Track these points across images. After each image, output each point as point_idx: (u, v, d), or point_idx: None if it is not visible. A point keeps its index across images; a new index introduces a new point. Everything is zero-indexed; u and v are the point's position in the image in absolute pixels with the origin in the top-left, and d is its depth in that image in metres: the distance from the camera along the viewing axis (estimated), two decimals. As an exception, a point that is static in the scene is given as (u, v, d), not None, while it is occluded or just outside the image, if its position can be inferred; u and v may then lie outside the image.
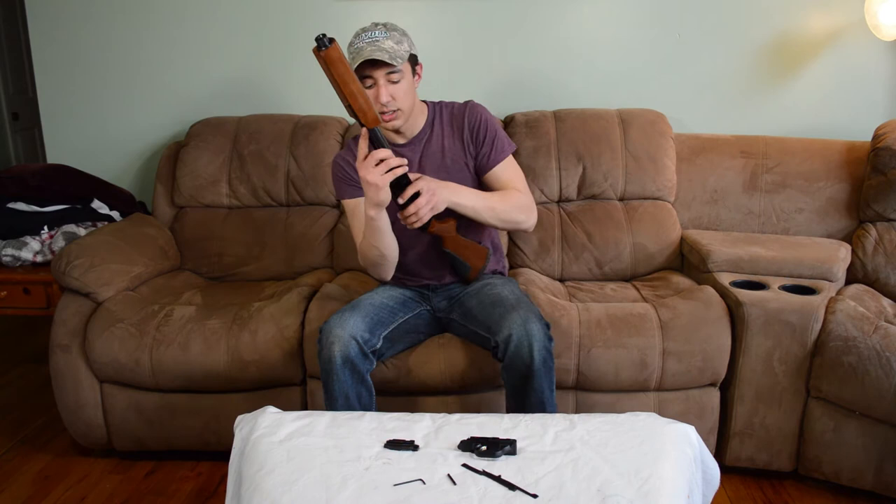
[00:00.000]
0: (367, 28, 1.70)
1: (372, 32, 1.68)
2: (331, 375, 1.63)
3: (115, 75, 2.74)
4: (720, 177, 2.45)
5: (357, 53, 1.66)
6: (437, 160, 1.80)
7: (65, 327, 2.04)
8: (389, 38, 1.67)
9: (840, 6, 2.54)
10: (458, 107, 1.85)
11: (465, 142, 1.81)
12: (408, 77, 1.71)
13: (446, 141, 1.81)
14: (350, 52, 1.69)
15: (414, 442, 1.32)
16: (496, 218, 1.75)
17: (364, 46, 1.66)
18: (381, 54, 1.64)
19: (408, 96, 1.72)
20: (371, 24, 1.71)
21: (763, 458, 1.97)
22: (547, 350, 1.63)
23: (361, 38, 1.67)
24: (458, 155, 1.81)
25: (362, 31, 1.69)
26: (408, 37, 1.73)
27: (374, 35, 1.67)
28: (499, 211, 1.74)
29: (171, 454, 2.12)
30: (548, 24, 2.63)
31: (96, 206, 2.54)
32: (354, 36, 1.70)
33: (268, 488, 1.20)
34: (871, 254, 2.23)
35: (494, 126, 1.82)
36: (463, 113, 1.82)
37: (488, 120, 1.82)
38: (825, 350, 1.84)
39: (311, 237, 2.45)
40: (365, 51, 1.65)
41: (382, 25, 1.70)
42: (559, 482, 1.19)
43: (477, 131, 1.80)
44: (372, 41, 1.66)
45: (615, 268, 2.37)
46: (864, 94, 2.61)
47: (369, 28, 1.70)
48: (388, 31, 1.69)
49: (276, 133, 2.52)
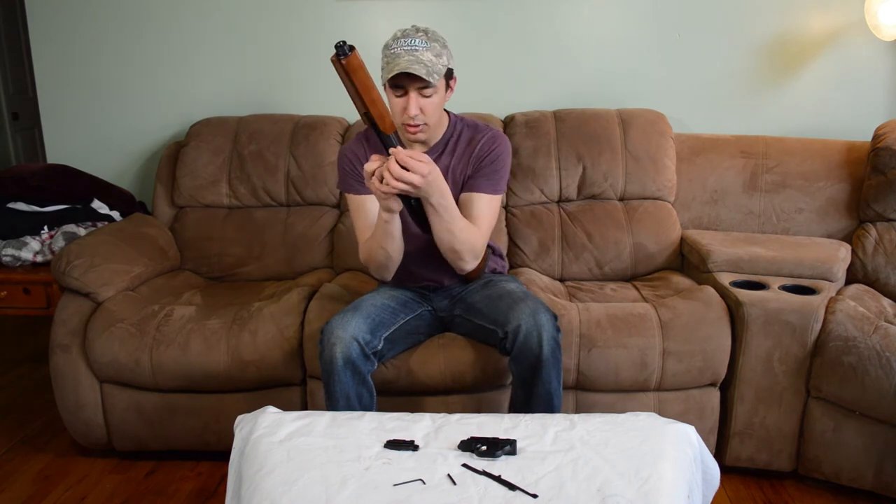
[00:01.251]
0: (407, 32, 1.62)
1: (412, 39, 1.60)
2: (332, 376, 1.63)
3: (115, 75, 2.74)
4: (720, 177, 2.45)
5: (393, 59, 1.59)
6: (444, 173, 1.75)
7: (65, 327, 2.04)
8: (430, 49, 1.60)
9: (840, 6, 2.54)
10: (479, 132, 1.78)
11: (469, 162, 1.77)
12: (440, 92, 1.66)
13: (454, 162, 1.77)
14: (385, 54, 1.63)
15: (414, 442, 1.32)
16: (448, 242, 1.66)
17: (402, 53, 1.59)
18: (418, 68, 1.57)
19: (437, 111, 1.68)
20: (412, 27, 1.63)
21: (763, 458, 1.97)
22: (555, 341, 1.63)
23: (400, 44, 1.60)
24: (459, 176, 1.77)
25: (402, 36, 1.61)
26: (448, 49, 1.66)
27: (413, 43, 1.59)
28: (455, 239, 1.65)
29: (171, 454, 2.12)
30: (548, 23, 2.63)
31: (96, 206, 2.54)
32: (392, 38, 1.63)
33: (268, 488, 1.20)
34: (871, 254, 2.23)
35: (503, 163, 1.77)
36: (481, 139, 1.77)
37: (500, 154, 1.76)
38: (825, 350, 1.84)
39: (311, 237, 2.45)
40: (402, 59, 1.58)
41: (423, 32, 1.62)
42: (559, 482, 1.19)
43: (484, 158, 1.75)
44: (411, 49, 1.58)
45: (615, 268, 2.37)
46: (864, 94, 2.61)
47: (410, 33, 1.62)
48: (430, 42, 1.61)
49: (276, 133, 2.52)
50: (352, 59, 1.43)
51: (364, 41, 2.65)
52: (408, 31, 1.63)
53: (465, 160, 1.77)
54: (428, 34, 1.63)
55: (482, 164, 1.75)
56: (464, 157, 1.77)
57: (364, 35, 2.66)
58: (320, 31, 2.66)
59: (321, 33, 2.67)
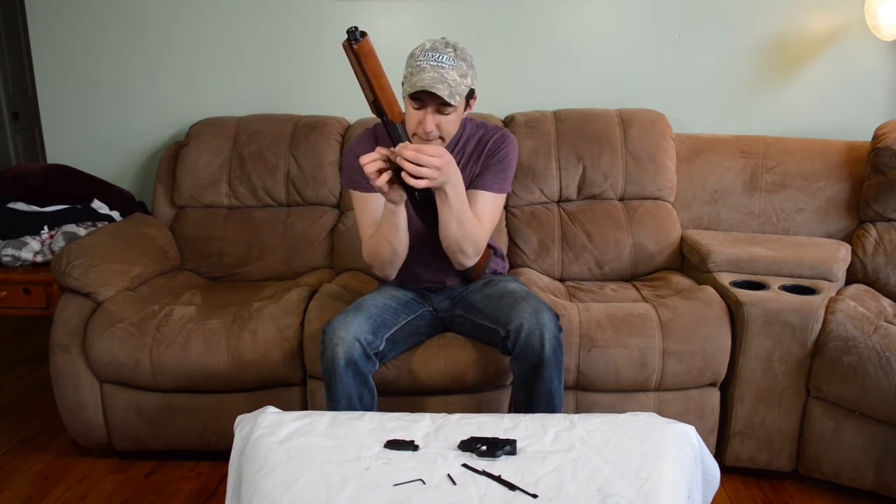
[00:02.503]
0: (436, 46, 1.59)
1: (440, 55, 1.57)
2: (333, 377, 1.63)
3: (115, 75, 2.74)
4: (720, 177, 2.45)
5: (417, 72, 1.57)
6: None
7: (65, 327, 2.04)
8: (456, 67, 1.58)
9: (840, 6, 2.54)
10: (488, 133, 1.79)
11: (480, 162, 1.78)
12: (459, 110, 1.65)
13: (464, 160, 1.77)
14: (410, 64, 1.61)
15: (414, 442, 1.32)
16: (455, 231, 1.64)
17: (427, 68, 1.56)
18: (441, 88, 1.54)
19: (453, 127, 1.67)
20: (442, 40, 1.61)
21: (763, 458, 1.97)
22: (557, 340, 1.63)
23: (427, 57, 1.57)
24: (468, 175, 1.77)
25: (431, 49, 1.58)
26: (474, 69, 1.64)
27: (441, 59, 1.56)
28: (462, 229, 1.64)
29: (171, 454, 2.12)
30: (548, 23, 2.63)
31: (96, 206, 2.54)
32: (420, 49, 1.60)
33: (268, 488, 1.20)
34: (871, 254, 2.23)
35: (510, 162, 1.78)
36: (490, 140, 1.77)
37: (507, 154, 1.77)
38: (825, 350, 1.84)
39: (311, 237, 2.45)
40: (427, 75, 1.55)
41: (452, 49, 1.59)
42: (559, 482, 1.19)
43: (492, 157, 1.76)
44: (437, 65, 1.56)
45: (615, 268, 2.37)
46: (864, 94, 2.61)
47: (439, 47, 1.59)
48: (457, 60, 1.58)
49: (276, 133, 2.52)
50: (363, 44, 1.41)
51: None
52: (437, 44, 1.60)
53: (474, 159, 1.78)
54: (457, 51, 1.60)
55: (490, 161, 1.76)
56: (473, 157, 1.78)
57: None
58: (320, 31, 2.66)
59: (321, 33, 2.66)
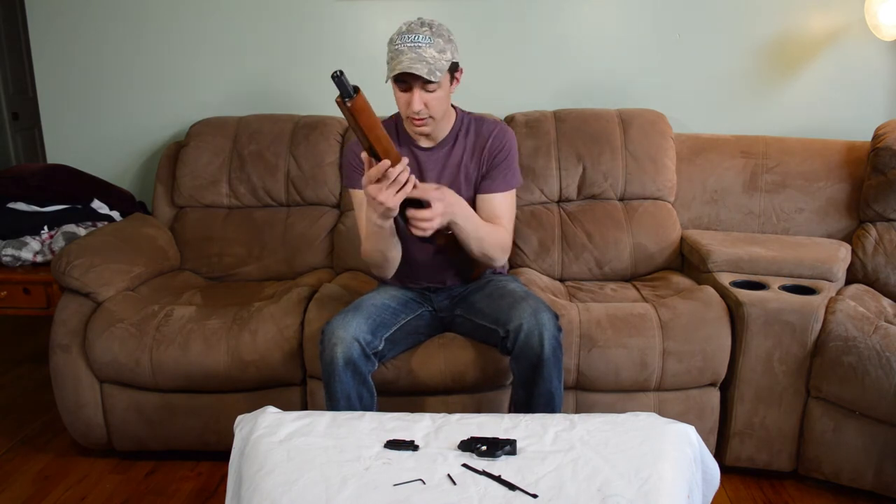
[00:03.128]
0: (412, 27, 1.61)
1: (416, 36, 1.59)
2: (333, 377, 1.63)
3: (114, 75, 2.74)
4: (720, 177, 2.45)
5: (396, 56, 1.59)
6: (454, 173, 1.79)
7: (65, 327, 2.04)
8: (433, 44, 1.59)
9: (840, 6, 2.54)
10: (486, 127, 1.80)
11: (481, 160, 1.79)
12: (445, 86, 1.67)
13: (465, 156, 1.79)
14: (389, 49, 1.62)
15: (414, 442, 1.32)
16: (478, 248, 1.71)
17: (405, 50, 1.58)
18: (420, 67, 1.57)
19: (442, 104, 1.68)
20: (417, 21, 1.63)
21: (763, 458, 1.97)
22: (556, 340, 1.63)
23: (403, 40, 1.59)
24: (472, 172, 1.79)
25: (407, 31, 1.61)
26: (453, 42, 1.66)
27: (417, 39, 1.58)
28: (484, 243, 1.72)
29: (171, 454, 2.12)
30: (548, 24, 2.63)
31: (96, 206, 2.54)
32: (397, 33, 1.62)
33: (268, 488, 1.20)
34: (871, 254, 2.23)
35: (514, 156, 1.80)
36: (490, 134, 1.78)
37: (510, 149, 1.79)
38: (825, 350, 1.84)
39: (311, 237, 2.45)
40: (405, 57, 1.58)
41: (428, 27, 1.61)
42: (559, 482, 1.19)
43: (496, 155, 1.78)
44: (414, 46, 1.58)
45: (615, 268, 2.36)
46: (864, 94, 2.61)
47: (414, 27, 1.61)
48: (433, 37, 1.60)
49: (276, 133, 2.52)
50: (357, 101, 1.43)
51: (364, 41, 2.67)
52: (412, 25, 1.62)
53: (476, 156, 1.79)
54: (432, 28, 1.62)
55: (494, 159, 1.78)
56: (475, 152, 1.79)
57: (364, 35, 2.66)
58: (320, 31, 2.66)
59: (321, 33, 2.66)
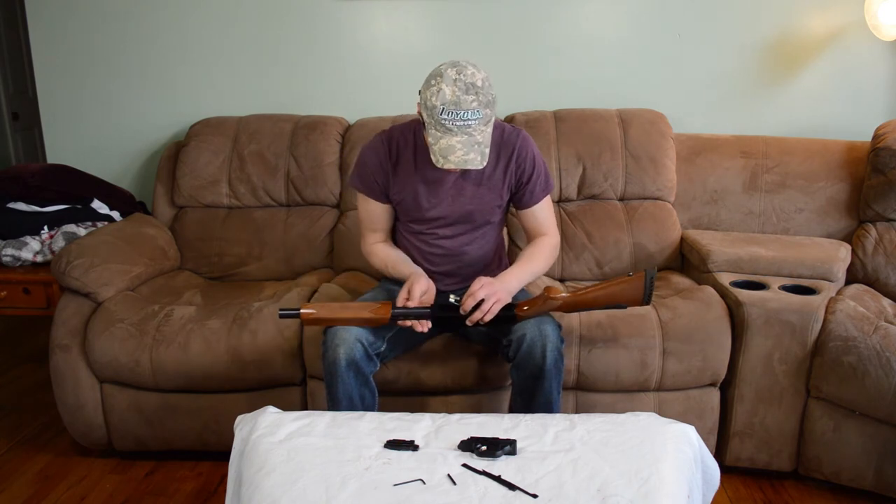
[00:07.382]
0: (458, 98, 1.49)
1: (465, 112, 1.50)
2: (335, 377, 1.63)
3: (114, 75, 2.74)
4: (720, 177, 2.45)
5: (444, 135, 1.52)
6: (476, 182, 1.76)
7: (65, 327, 2.04)
8: (481, 118, 1.51)
9: (840, 6, 2.54)
10: (508, 133, 1.75)
11: (508, 172, 1.76)
12: None
13: (488, 166, 1.75)
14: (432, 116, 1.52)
15: (414, 442, 1.32)
16: (537, 277, 1.82)
17: (454, 130, 1.51)
18: (473, 158, 1.52)
19: None
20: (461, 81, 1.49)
21: (763, 458, 1.97)
22: (559, 351, 1.63)
23: (452, 116, 1.50)
24: (498, 181, 1.76)
25: (453, 103, 1.49)
26: (493, 97, 1.55)
27: (466, 117, 1.50)
28: (538, 272, 1.81)
29: (171, 454, 2.12)
30: (548, 24, 2.63)
31: (96, 206, 2.54)
32: (441, 100, 1.50)
33: (268, 488, 1.20)
34: (871, 254, 2.23)
35: (542, 164, 1.79)
36: (514, 143, 1.75)
37: (536, 157, 1.78)
38: (825, 350, 1.84)
39: (311, 237, 2.45)
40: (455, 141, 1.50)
41: (475, 94, 1.50)
42: (559, 482, 1.19)
43: (524, 168, 1.76)
44: (464, 126, 1.50)
45: (615, 268, 2.36)
46: (864, 94, 2.61)
47: (461, 98, 1.49)
48: (481, 108, 1.51)
49: (276, 133, 2.52)
50: (305, 318, 1.58)
51: (364, 41, 2.67)
52: (458, 92, 1.50)
53: (502, 163, 1.76)
54: (479, 95, 1.51)
55: (524, 173, 1.77)
56: (500, 160, 1.76)
57: (364, 35, 2.66)
58: (320, 32, 2.66)
59: (321, 33, 2.66)
